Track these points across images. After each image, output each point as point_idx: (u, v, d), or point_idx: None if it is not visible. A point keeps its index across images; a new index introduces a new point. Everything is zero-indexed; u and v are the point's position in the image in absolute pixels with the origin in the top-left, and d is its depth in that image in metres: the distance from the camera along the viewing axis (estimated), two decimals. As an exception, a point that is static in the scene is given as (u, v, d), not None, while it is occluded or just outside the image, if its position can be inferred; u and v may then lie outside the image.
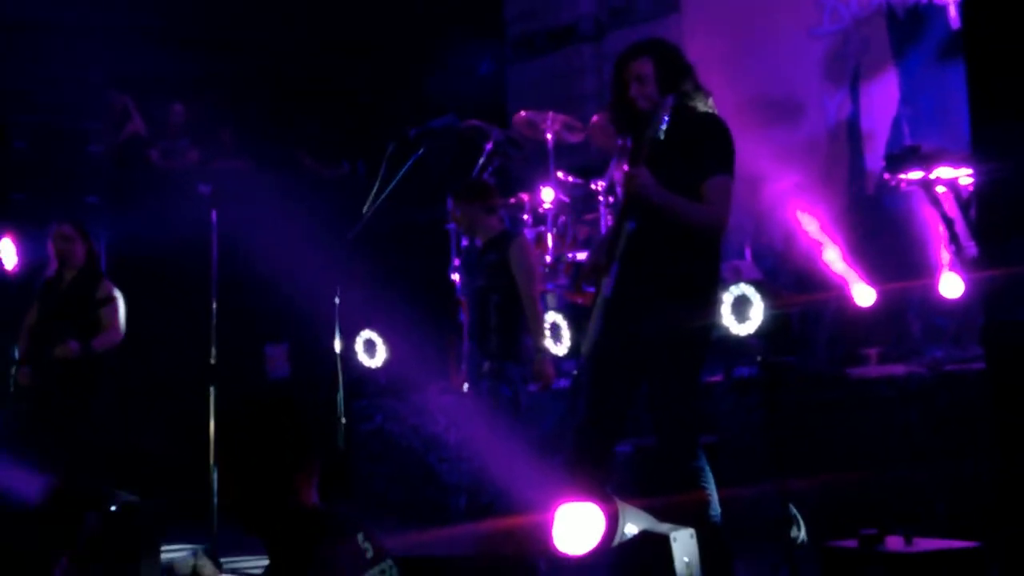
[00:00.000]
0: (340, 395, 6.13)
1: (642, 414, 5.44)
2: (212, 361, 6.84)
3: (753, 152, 9.37)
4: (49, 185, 10.21)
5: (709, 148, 5.10)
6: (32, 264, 8.90)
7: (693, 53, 10.07)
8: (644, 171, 5.00)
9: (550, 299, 8.62)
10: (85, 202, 10.21)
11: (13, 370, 7.75)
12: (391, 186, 5.89)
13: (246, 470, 3.25)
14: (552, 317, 8.26)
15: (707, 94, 5.23)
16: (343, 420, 5.89)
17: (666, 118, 4.99)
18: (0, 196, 10.11)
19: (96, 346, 7.61)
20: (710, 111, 5.21)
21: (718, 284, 5.31)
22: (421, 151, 6.55)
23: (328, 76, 11.98)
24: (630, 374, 5.14)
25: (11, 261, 9.22)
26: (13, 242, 9.23)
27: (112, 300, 7.73)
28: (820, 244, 8.18)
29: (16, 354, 7.77)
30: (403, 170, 6.20)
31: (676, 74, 5.16)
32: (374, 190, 5.88)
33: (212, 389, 6.81)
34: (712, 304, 5.24)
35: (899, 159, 7.63)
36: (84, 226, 7.97)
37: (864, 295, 7.65)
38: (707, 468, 4.97)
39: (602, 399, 5.16)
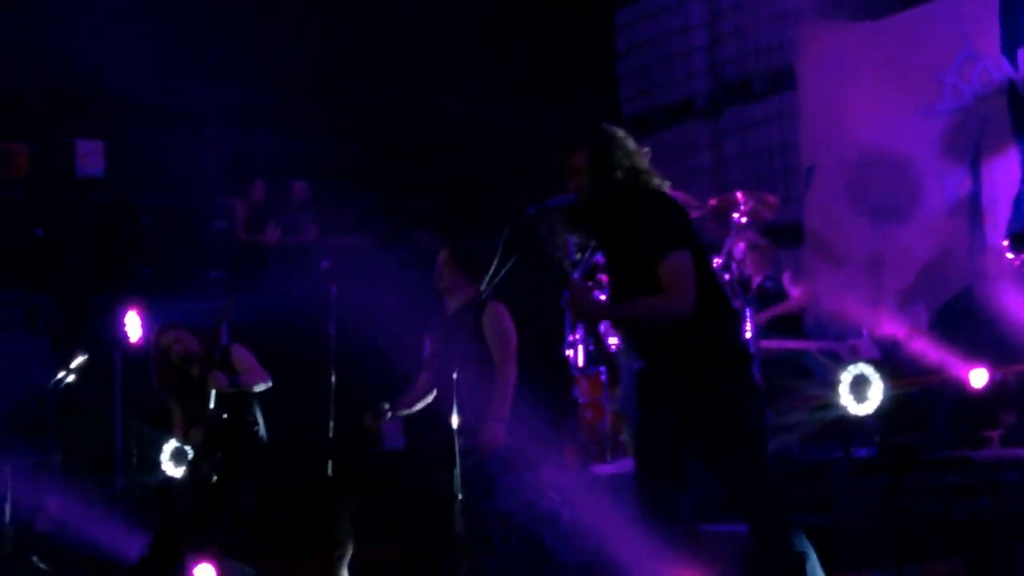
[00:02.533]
0: (457, 471, 6.15)
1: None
2: (330, 435, 6.92)
3: (871, 231, 9.34)
4: (174, 261, 10.46)
5: (652, 231, 5.04)
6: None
7: (809, 131, 10.16)
8: (585, 296, 5.09)
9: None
10: (210, 277, 10.43)
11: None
12: (507, 268, 5.93)
13: None
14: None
15: (650, 175, 5.21)
16: (460, 496, 5.92)
17: (582, 265, 5.03)
18: (127, 272, 10.38)
19: (244, 382, 7.81)
20: (655, 188, 5.16)
21: (738, 343, 5.21)
22: (538, 231, 6.59)
23: (445, 154, 12.15)
24: (676, 447, 5.07)
25: (136, 334, 9.45)
26: (138, 316, 9.46)
27: (236, 350, 7.96)
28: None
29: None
30: (518, 252, 6.25)
31: (611, 163, 5.20)
32: (490, 271, 5.94)
33: (330, 462, 6.89)
34: (745, 371, 5.12)
35: (1022, 239, 7.52)
36: (179, 323, 8.21)
37: (978, 376, 7.52)
38: (810, 553, 4.85)
39: (659, 472, 5.11)
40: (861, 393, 7.24)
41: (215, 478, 7.78)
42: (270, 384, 7.99)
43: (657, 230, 5.02)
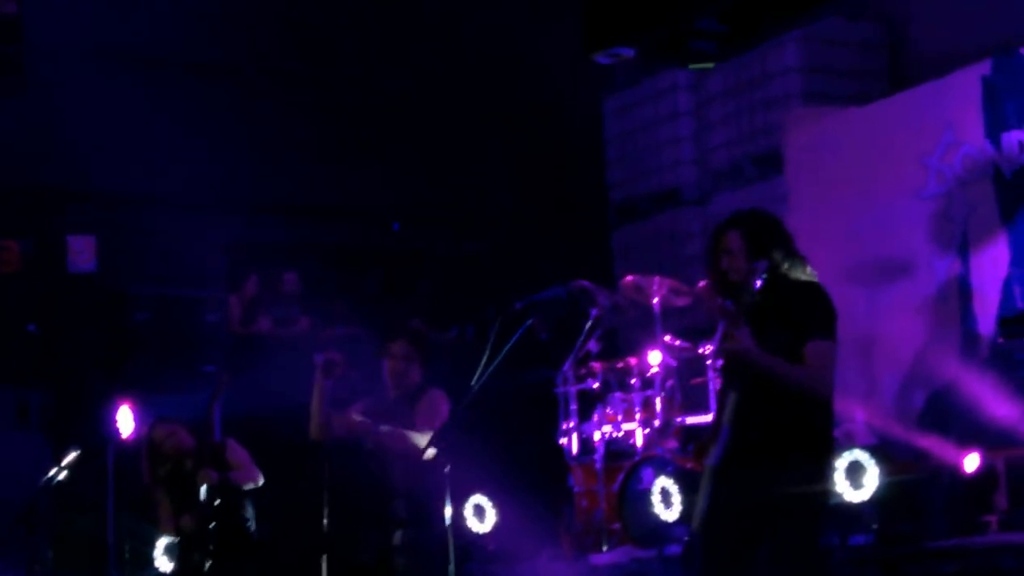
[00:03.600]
0: (451, 567, 6.12)
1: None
2: (324, 529, 6.88)
3: (863, 314, 9.36)
4: (167, 355, 10.45)
5: (808, 313, 5.13)
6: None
7: (798, 214, 10.24)
8: (743, 333, 5.03)
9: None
10: (203, 370, 10.42)
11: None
12: (498, 359, 5.95)
13: None
14: (662, 483, 8.20)
15: (804, 262, 5.27)
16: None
17: (759, 282, 5.03)
18: (120, 366, 10.37)
19: (234, 478, 7.79)
20: (808, 279, 5.24)
21: (831, 447, 5.27)
22: (528, 322, 6.62)
23: (435, 245, 12.21)
24: (744, 545, 5.10)
25: (128, 429, 9.42)
26: (131, 411, 9.43)
27: (231, 445, 7.96)
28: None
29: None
30: (510, 343, 6.26)
31: (766, 245, 5.21)
32: (482, 363, 5.96)
33: (324, 558, 6.84)
34: (825, 468, 5.20)
35: (1012, 323, 7.55)
36: (171, 417, 8.22)
37: (971, 462, 7.50)
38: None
39: (720, 564, 5.13)
40: (856, 479, 7.21)
41: (207, 567, 7.73)
42: (261, 482, 7.97)
43: (814, 314, 5.13)
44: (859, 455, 7.27)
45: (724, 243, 5.29)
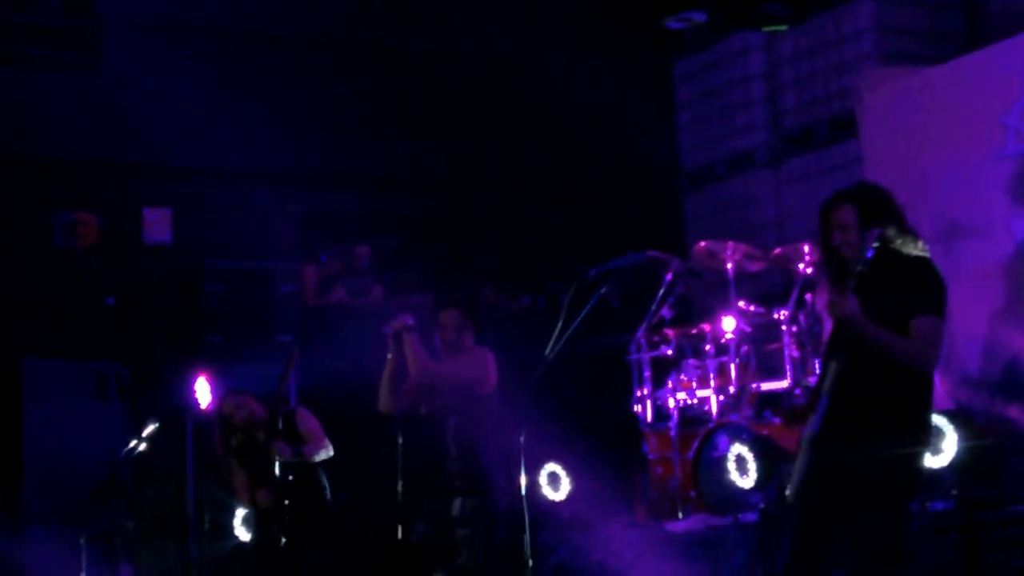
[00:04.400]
0: (526, 535, 6.12)
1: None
2: (399, 498, 6.91)
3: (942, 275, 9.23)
4: (242, 326, 10.54)
5: (917, 289, 5.12)
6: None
7: (872, 177, 10.09)
8: (852, 299, 4.98)
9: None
10: (277, 341, 10.50)
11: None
12: (572, 328, 5.94)
13: None
14: (738, 449, 8.16)
15: (916, 237, 5.22)
16: (530, 562, 5.88)
17: (870, 252, 4.99)
18: (196, 338, 10.47)
19: (306, 452, 7.86)
20: (920, 254, 5.19)
21: (929, 422, 5.26)
22: (602, 290, 6.60)
23: (508, 211, 12.19)
24: (838, 513, 5.08)
25: (206, 400, 9.52)
26: (208, 382, 9.54)
27: (301, 414, 8.02)
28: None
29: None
30: (584, 312, 6.25)
31: (880, 220, 5.16)
32: (556, 331, 5.95)
33: (400, 527, 6.88)
34: (922, 441, 5.17)
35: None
36: (242, 389, 8.28)
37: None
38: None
39: (809, 540, 5.13)
40: (936, 445, 7.13)
41: (283, 541, 7.80)
42: (331, 453, 8.02)
43: (925, 291, 5.13)
44: (938, 420, 7.19)
45: (836, 218, 5.27)
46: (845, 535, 5.09)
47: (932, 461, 7.14)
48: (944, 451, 7.09)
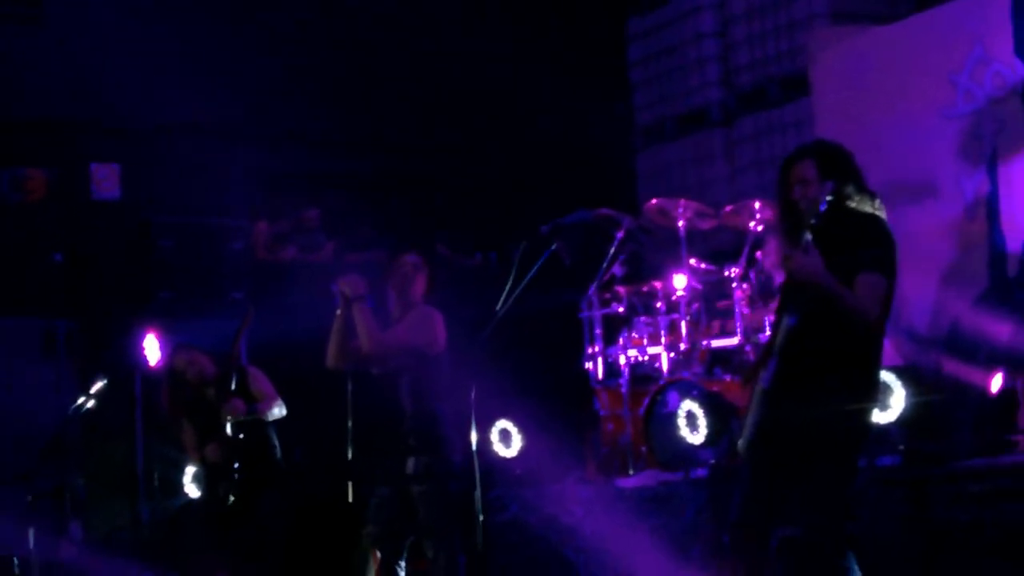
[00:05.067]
0: (477, 491, 6.14)
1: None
2: (349, 456, 6.90)
3: (889, 234, 9.29)
4: (193, 282, 10.47)
5: (865, 245, 5.14)
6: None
7: (824, 135, 10.10)
8: (812, 252, 5.01)
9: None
10: (229, 298, 10.44)
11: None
12: (523, 284, 5.94)
13: None
14: (688, 406, 8.20)
15: (873, 196, 5.25)
16: (480, 516, 5.90)
17: (824, 203, 5.00)
18: (146, 294, 10.39)
19: (260, 410, 7.84)
20: (873, 212, 5.21)
21: (877, 379, 5.31)
22: (553, 247, 6.60)
23: (460, 169, 12.16)
24: (788, 468, 5.13)
25: (155, 357, 9.47)
26: (157, 339, 9.48)
27: (253, 373, 7.99)
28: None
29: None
30: (535, 268, 6.24)
31: (838, 175, 5.18)
32: (507, 288, 5.94)
33: (350, 484, 6.87)
34: (870, 397, 5.23)
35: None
36: (191, 344, 8.22)
37: (995, 382, 7.47)
38: (855, 569, 4.91)
39: (759, 494, 5.17)
40: (883, 401, 7.19)
41: (232, 499, 7.78)
42: (284, 412, 8.01)
43: (872, 247, 5.13)
44: (886, 376, 7.24)
45: (797, 172, 5.28)
46: (793, 489, 5.13)
47: (880, 417, 7.20)
48: (892, 407, 7.15)
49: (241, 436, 7.76)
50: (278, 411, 8.01)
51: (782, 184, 5.35)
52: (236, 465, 7.76)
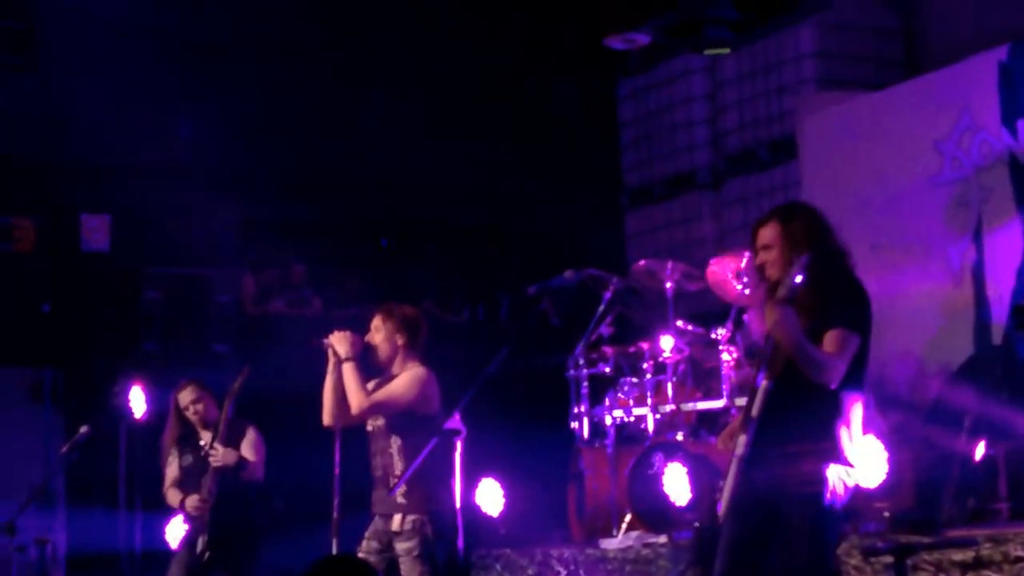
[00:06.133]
0: (461, 550, 6.13)
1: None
2: (335, 514, 6.88)
3: (875, 299, 9.34)
4: (179, 334, 10.47)
5: (835, 303, 5.13)
6: (160, 412, 9.14)
7: (812, 200, 10.17)
8: (788, 310, 4.99)
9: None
10: (214, 350, 10.44)
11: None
12: (512, 343, 5.97)
13: None
14: (673, 468, 8.21)
15: (843, 255, 5.26)
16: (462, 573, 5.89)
17: (799, 276, 5.01)
18: (132, 346, 10.39)
19: (245, 473, 7.80)
20: (844, 271, 5.23)
21: (854, 443, 5.26)
22: (542, 307, 6.63)
23: (448, 225, 12.20)
24: (766, 532, 5.15)
25: (140, 409, 9.46)
26: (143, 391, 9.47)
27: (252, 435, 7.96)
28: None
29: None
30: (524, 327, 6.27)
31: (805, 238, 5.19)
32: (496, 346, 5.98)
33: (334, 541, 6.84)
34: (848, 462, 5.22)
35: (1026, 311, 7.55)
36: (202, 382, 8.18)
37: (979, 450, 7.50)
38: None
39: (739, 557, 5.17)
40: (868, 466, 7.21)
41: (207, 555, 7.74)
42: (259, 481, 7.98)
43: (843, 306, 5.11)
44: (870, 442, 7.27)
45: (762, 237, 5.29)
46: (773, 556, 5.14)
47: (864, 483, 7.22)
48: (876, 474, 7.17)
49: (225, 493, 7.73)
50: (254, 481, 7.97)
51: (752, 249, 5.37)
52: (213, 519, 7.72)
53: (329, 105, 11.77)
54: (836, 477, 5.15)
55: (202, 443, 7.90)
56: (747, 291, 8.04)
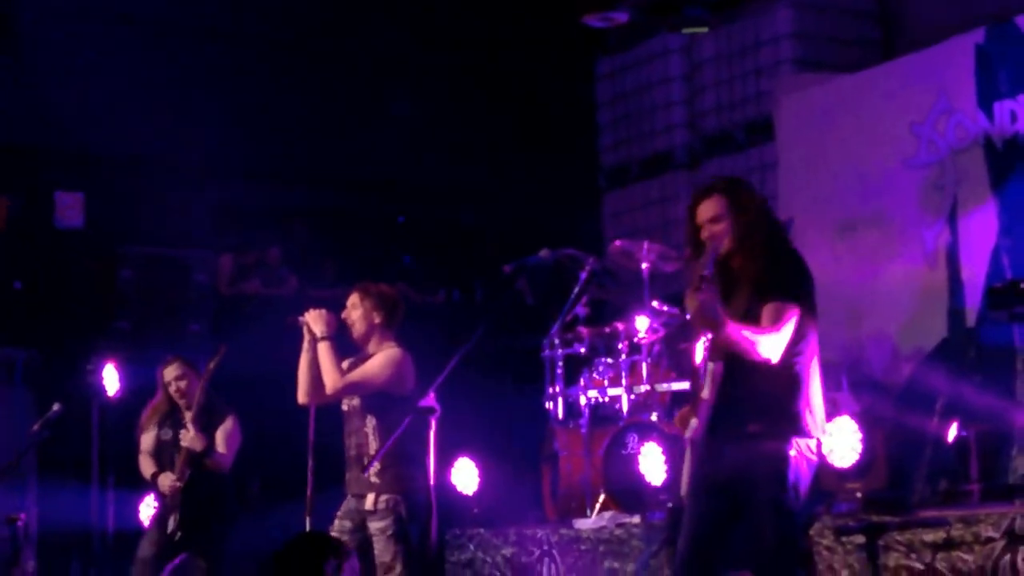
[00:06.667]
0: (434, 530, 6.13)
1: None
2: (308, 493, 6.87)
3: (849, 282, 9.37)
4: (153, 313, 10.43)
5: (772, 274, 5.11)
6: (133, 391, 9.12)
7: (788, 182, 10.21)
8: (706, 297, 4.95)
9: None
10: (188, 330, 10.41)
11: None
12: (487, 322, 5.96)
13: None
14: (648, 448, 8.22)
15: (782, 225, 5.25)
16: (440, 556, 5.89)
17: (708, 270, 4.97)
18: (105, 324, 10.34)
19: (213, 461, 7.79)
20: (785, 242, 5.20)
21: (805, 415, 5.21)
22: (517, 286, 6.61)
23: (425, 206, 12.17)
24: (728, 511, 5.14)
25: (113, 387, 9.42)
26: (116, 369, 9.43)
27: (231, 424, 7.95)
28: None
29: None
30: (499, 306, 6.25)
31: (752, 207, 5.20)
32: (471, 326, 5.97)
33: (308, 519, 6.84)
34: (806, 434, 5.20)
35: (999, 293, 7.56)
36: (190, 360, 8.16)
37: (951, 431, 7.53)
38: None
39: (702, 539, 5.18)
40: (841, 446, 7.24)
41: (179, 535, 7.74)
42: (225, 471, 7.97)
43: (780, 277, 5.08)
44: (843, 422, 7.30)
45: (703, 212, 5.24)
46: (737, 534, 5.16)
47: (837, 463, 7.25)
48: (848, 454, 7.19)
49: (196, 474, 7.73)
50: (221, 469, 7.95)
51: (690, 224, 5.31)
52: (185, 499, 7.72)
53: (306, 94, 11.72)
54: (799, 453, 5.13)
55: (184, 421, 7.91)
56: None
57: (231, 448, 7.97)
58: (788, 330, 5.03)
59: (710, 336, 5.14)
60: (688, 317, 5.30)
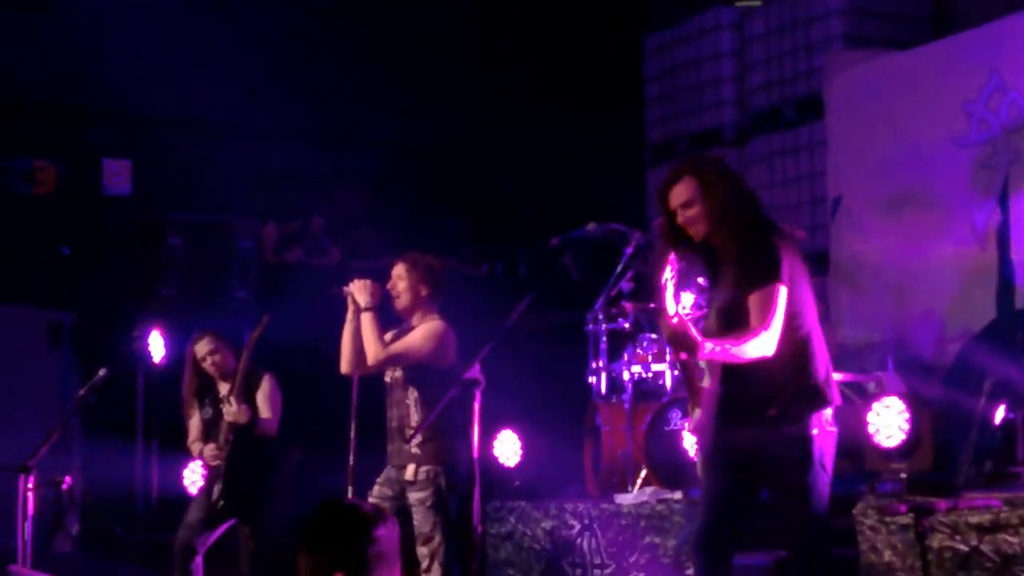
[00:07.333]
0: (476, 502, 6.12)
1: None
2: (351, 461, 6.88)
3: (898, 261, 9.30)
4: (199, 280, 10.48)
5: (750, 262, 5.00)
6: (178, 357, 9.15)
7: (837, 160, 10.12)
8: (679, 328, 4.85)
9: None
10: (234, 296, 10.45)
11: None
12: (531, 296, 5.93)
13: None
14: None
15: (755, 197, 5.16)
16: (479, 528, 5.88)
17: (665, 293, 4.86)
18: (152, 290, 10.40)
19: (259, 428, 7.78)
20: (759, 215, 5.13)
21: (824, 383, 5.13)
22: (563, 260, 6.58)
23: (469, 178, 12.16)
24: (746, 490, 5.15)
25: (159, 354, 9.47)
26: (162, 336, 9.47)
27: (270, 384, 7.92)
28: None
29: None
30: (544, 280, 6.22)
31: (723, 187, 5.06)
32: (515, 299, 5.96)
33: (349, 488, 6.86)
34: (820, 403, 5.09)
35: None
36: (219, 333, 8.11)
37: (998, 413, 7.46)
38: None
39: (720, 517, 5.16)
40: (887, 427, 7.19)
41: (222, 503, 7.75)
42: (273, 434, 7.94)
43: (757, 259, 4.95)
44: (890, 402, 7.24)
45: (675, 198, 5.10)
46: (758, 512, 5.13)
47: (883, 443, 7.20)
48: (895, 433, 7.14)
49: (240, 445, 7.73)
50: (267, 434, 7.92)
51: (663, 213, 5.15)
52: (229, 469, 7.72)
53: (352, 60, 11.71)
54: (820, 431, 5.04)
55: (221, 395, 7.88)
56: None
57: (275, 410, 7.92)
58: (779, 318, 4.91)
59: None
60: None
